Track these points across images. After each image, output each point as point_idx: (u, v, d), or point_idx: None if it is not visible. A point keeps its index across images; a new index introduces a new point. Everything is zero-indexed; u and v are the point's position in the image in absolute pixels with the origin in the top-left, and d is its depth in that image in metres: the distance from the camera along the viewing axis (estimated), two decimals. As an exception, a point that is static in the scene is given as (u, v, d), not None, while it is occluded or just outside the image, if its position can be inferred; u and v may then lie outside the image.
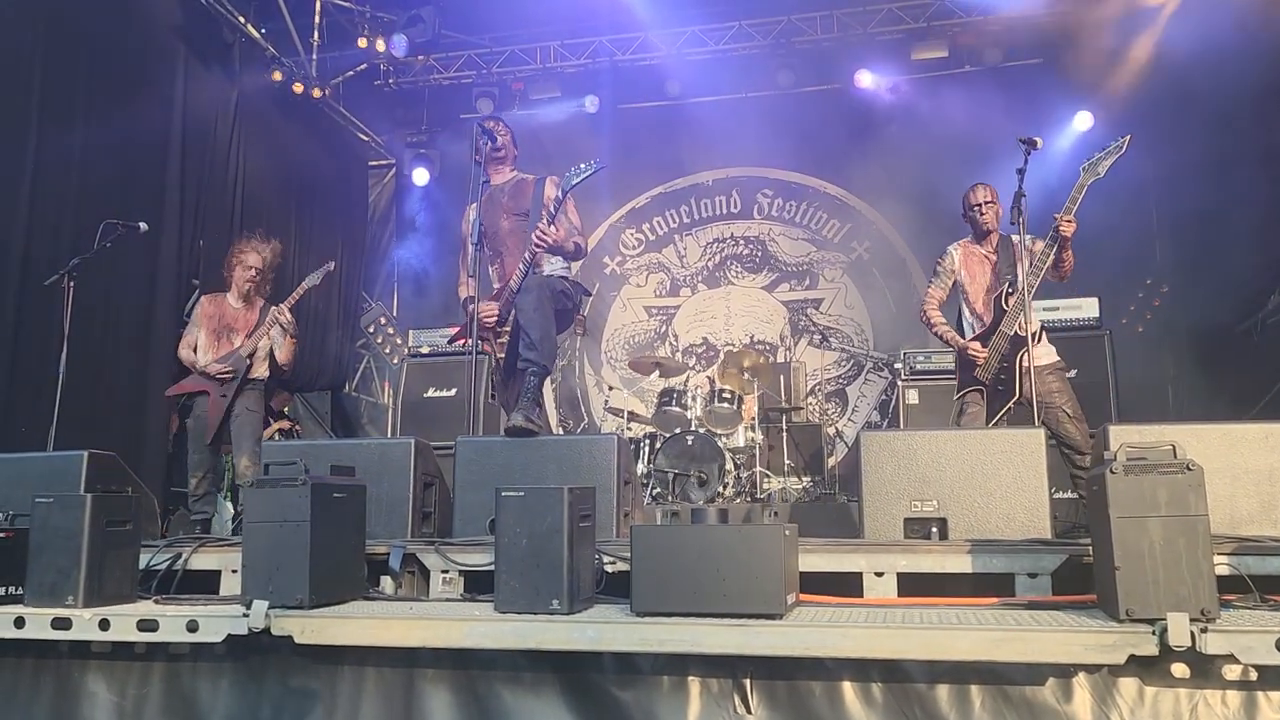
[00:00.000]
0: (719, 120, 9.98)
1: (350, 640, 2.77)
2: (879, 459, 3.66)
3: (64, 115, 6.57)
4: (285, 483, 2.94)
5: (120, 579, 3.15)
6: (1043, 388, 4.95)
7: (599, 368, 10.48)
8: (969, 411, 5.16)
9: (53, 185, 6.45)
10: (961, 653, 2.40)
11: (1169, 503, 2.42)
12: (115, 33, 7.10)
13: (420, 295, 10.83)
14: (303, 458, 3.07)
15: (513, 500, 2.84)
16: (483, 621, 2.69)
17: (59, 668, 3.08)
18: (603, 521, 3.49)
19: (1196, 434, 3.33)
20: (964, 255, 5.36)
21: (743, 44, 9.97)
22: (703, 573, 2.64)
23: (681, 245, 10.61)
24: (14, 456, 4.06)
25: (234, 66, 8.58)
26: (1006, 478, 3.53)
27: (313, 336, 9.63)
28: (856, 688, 2.57)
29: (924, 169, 9.08)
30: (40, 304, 5.88)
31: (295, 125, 9.46)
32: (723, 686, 2.64)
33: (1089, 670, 2.44)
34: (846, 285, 10.07)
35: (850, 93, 9.73)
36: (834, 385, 9.91)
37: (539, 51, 10.31)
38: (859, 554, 3.20)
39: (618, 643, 2.60)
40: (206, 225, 7.92)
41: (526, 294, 4.50)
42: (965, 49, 9.48)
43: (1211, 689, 2.39)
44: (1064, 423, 4.93)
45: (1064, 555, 3.05)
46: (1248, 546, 2.91)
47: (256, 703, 2.92)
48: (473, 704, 2.77)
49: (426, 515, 3.98)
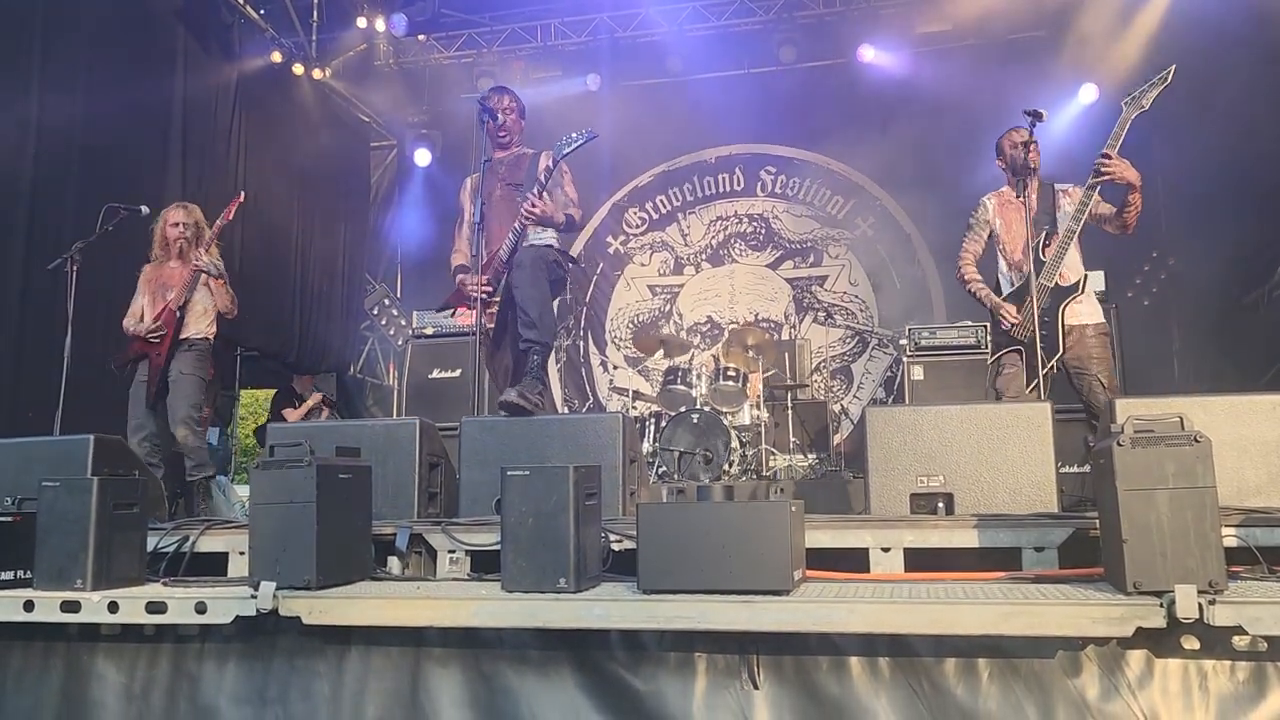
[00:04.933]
0: (721, 97, 9.93)
1: (358, 620, 2.77)
2: (884, 435, 3.65)
3: (65, 99, 6.57)
4: (291, 464, 2.94)
5: (128, 562, 3.16)
6: (1081, 349, 4.68)
7: (603, 347, 10.48)
8: (1005, 373, 4.81)
9: (55, 170, 6.46)
10: (968, 627, 2.40)
11: (1176, 475, 2.40)
12: (115, 15, 7.08)
13: (423, 276, 10.81)
14: (308, 439, 3.07)
15: (518, 480, 2.84)
16: (490, 600, 2.70)
17: (67, 650, 3.10)
18: (608, 500, 3.49)
19: (1204, 406, 3.31)
20: (999, 204, 5.03)
21: (744, 19, 9.91)
22: (709, 550, 2.64)
23: (685, 223, 10.58)
24: (21, 441, 4.06)
25: (233, 48, 8.56)
26: (1013, 452, 3.52)
27: (317, 319, 9.64)
28: (864, 663, 2.57)
29: (928, 143, 9.04)
30: (44, 288, 5.89)
31: (296, 107, 9.44)
32: (730, 663, 2.64)
33: (1097, 643, 2.44)
34: (851, 262, 10.05)
35: (853, 67, 9.67)
36: (839, 362, 9.90)
37: (539, 29, 10.26)
38: (865, 530, 3.20)
39: (625, 620, 2.60)
40: (208, 208, 7.89)
41: (520, 270, 4.48)
42: (969, 22, 9.40)
43: (1220, 660, 2.39)
44: (1097, 392, 4.62)
45: (1071, 529, 3.04)
46: (1255, 518, 2.90)
47: (264, 683, 2.93)
48: (480, 683, 2.78)
49: (432, 495, 3.98)
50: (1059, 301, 4.69)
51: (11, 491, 3.42)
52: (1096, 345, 4.71)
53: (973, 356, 7.13)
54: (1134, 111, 4.54)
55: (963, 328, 7.42)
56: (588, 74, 10.12)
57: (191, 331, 5.60)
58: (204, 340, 5.63)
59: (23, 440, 4.09)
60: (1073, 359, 4.70)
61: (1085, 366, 4.67)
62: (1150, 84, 4.53)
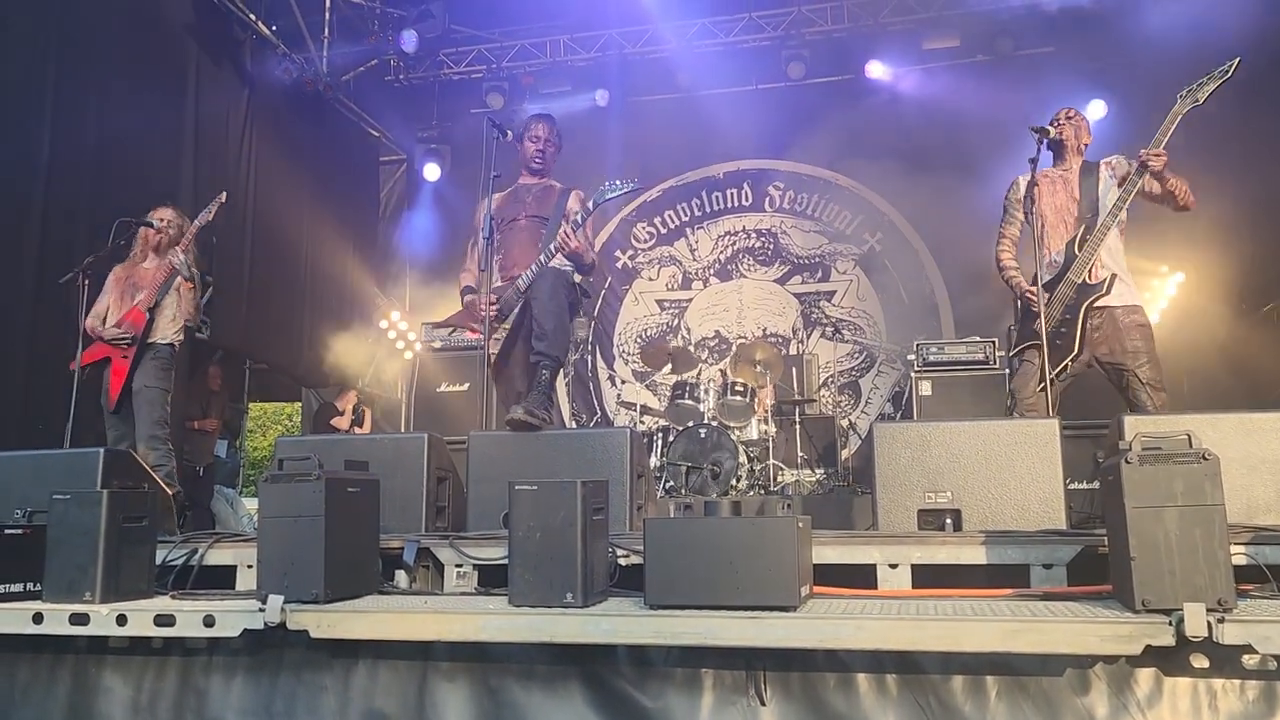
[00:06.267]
0: (729, 113, 9.96)
1: (366, 634, 2.77)
2: (892, 450, 3.65)
3: (78, 114, 6.62)
4: (300, 478, 2.95)
5: (137, 574, 3.16)
6: (1116, 342, 4.36)
7: (611, 361, 10.49)
8: (1021, 370, 4.55)
9: (67, 184, 6.50)
10: (977, 644, 2.39)
11: (1185, 492, 2.40)
12: (129, 32, 7.14)
13: (432, 290, 10.83)
14: (317, 453, 3.08)
15: (526, 494, 2.84)
16: (497, 615, 2.70)
17: (75, 663, 3.10)
18: (616, 515, 3.49)
19: (1212, 423, 3.30)
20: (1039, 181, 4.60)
21: (753, 35, 9.95)
22: (716, 565, 2.64)
23: (693, 238, 10.61)
24: (31, 453, 4.08)
25: (245, 64, 8.62)
26: (1021, 468, 3.51)
27: (325, 332, 9.67)
28: (871, 680, 2.56)
29: (936, 159, 9.05)
30: (55, 301, 5.91)
31: (306, 121, 9.50)
32: (736, 679, 2.63)
33: (1106, 661, 2.43)
34: (859, 277, 10.05)
35: (861, 83, 9.69)
36: (847, 377, 9.89)
37: (549, 45, 10.32)
38: (873, 546, 3.19)
39: (632, 635, 2.59)
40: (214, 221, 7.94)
41: (541, 281, 4.51)
42: (977, 38, 9.43)
43: (1230, 679, 2.38)
44: (1137, 390, 4.29)
45: (1079, 546, 3.03)
46: (1265, 536, 2.88)
47: (270, 697, 2.93)
48: (486, 698, 2.78)
49: (440, 510, 3.98)
50: (1084, 299, 4.43)
51: (21, 504, 3.43)
52: (1136, 336, 4.37)
53: (981, 372, 7.11)
54: (1187, 106, 4.30)
55: (971, 343, 7.41)
56: (596, 90, 10.17)
57: (158, 336, 5.41)
58: (169, 347, 5.44)
59: (33, 453, 4.10)
60: (1106, 354, 4.39)
61: (1120, 361, 4.35)
62: (1210, 77, 4.27)
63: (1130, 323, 4.42)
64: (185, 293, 5.50)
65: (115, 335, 5.34)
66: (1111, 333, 4.42)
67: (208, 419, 8.64)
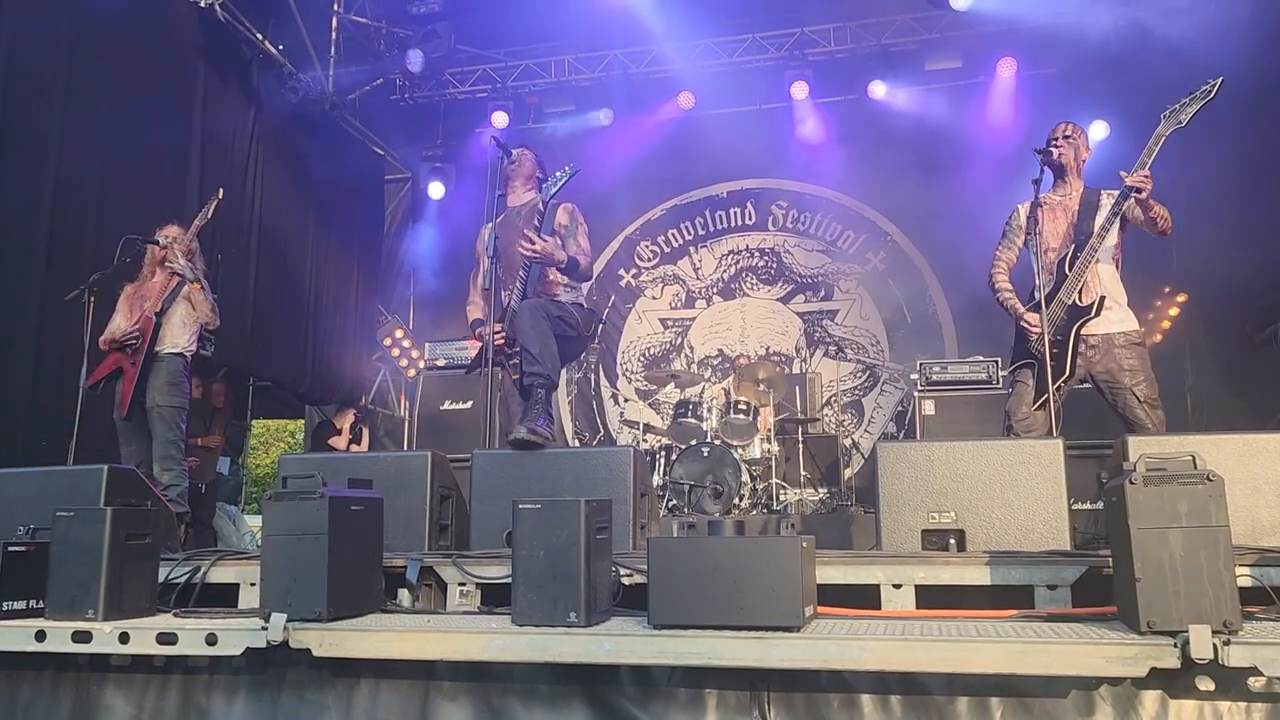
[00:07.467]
0: (733, 132, 10.01)
1: (368, 653, 2.77)
2: (896, 470, 3.64)
3: (85, 133, 6.66)
4: (303, 496, 2.95)
5: (140, 592, 3.16)
6: (1111, 362, 4.38)
7: (614, 380, 10.50)
8: (1015, 390, 4.60)
9: (74, 201, 6.53)
10: (981, 665, 2.38)
11: (1189, 514, 2.39)
12: (137, 51, 7.20)
13: (436, 308, 10.89)
14: (320, 471, 3.08)
15: (529, 513, 2.84)
16: (500, 634, 2.69)
17: (78, 681, 3.09)
18: (619, 534, 3.48)
19: (1217, 444, 3.30)
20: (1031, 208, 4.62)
21: (756, 56, 10.01)
22: (720, 585, 2.63)
23: (696, 257, 10.63)
24: (35, 471, 4.08)
25: (252, 83, 8.67)
26: (1025, 489, 3.50)
27: (329, 349, 9.70)
28: (875, 700, 2.55)
29: (939, 179, 9.08)
30: (61, 319, 5.93)
31: (312, 140, 9.55)
32: (740, 699, 2.62)
33: (1111, 683, 2.42)
34: (861, 296, 10.07)
35: (864, 104, 9.74)
36: (850, 396, 9.89)
37: (553, 65, 10.38)
38: (876, 566, 3.19)
39: (635, 655, 2.59)
40: (224, 239, 7.98)
41: (519, 318, 4.48)
42: (979, 59, 9.48)
43: (1236, 701, 2.37)
44: (1134, 408, 4.31)
45: (1084, 567, 3.02)
46: (1270, 558, 2.88)
47: (272, 715, 2.92)
48: (489, 717, 2.77)
49: (443, 528, 3.98)
50: (1074, 321, 4.46)
51: (25, 521, 3.42)
52: (1130, 355, 4.40)
53: (984, 392, 7.11)
54: (1169, 128, 4.28)
55: (974, 363, 7.41)
56: (601, 109, 10.23)
57: (168, 345, 5.40)
58: (180, 357, 5.41)
59: (37, 470, 4.11)
60: (1102, 373, 4.42)
61: (1116, 380, 4.38)
62: (1192, 97, 4.24)
63: (1124, 342, 4.45)
64: (196, 296, 5.47)
65: (125, 332, 5.34)
66: (1105, 353, 4.44)
67: (211, 435, 8.63)
